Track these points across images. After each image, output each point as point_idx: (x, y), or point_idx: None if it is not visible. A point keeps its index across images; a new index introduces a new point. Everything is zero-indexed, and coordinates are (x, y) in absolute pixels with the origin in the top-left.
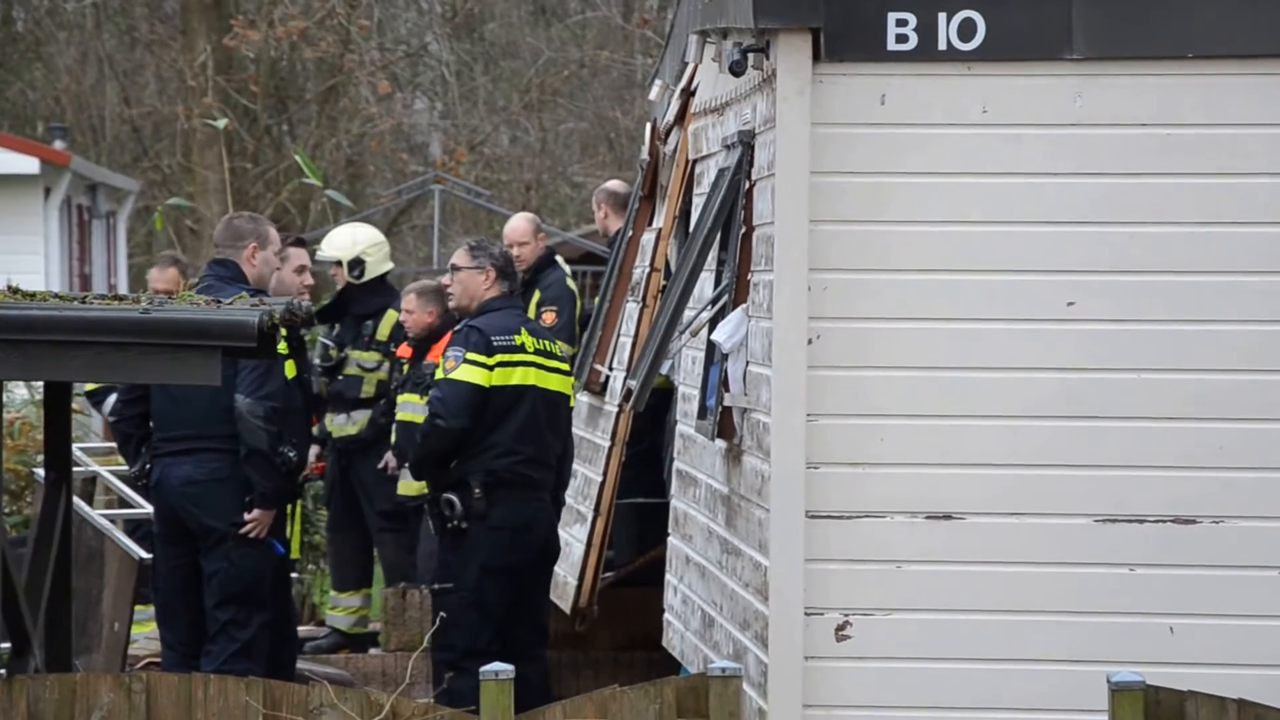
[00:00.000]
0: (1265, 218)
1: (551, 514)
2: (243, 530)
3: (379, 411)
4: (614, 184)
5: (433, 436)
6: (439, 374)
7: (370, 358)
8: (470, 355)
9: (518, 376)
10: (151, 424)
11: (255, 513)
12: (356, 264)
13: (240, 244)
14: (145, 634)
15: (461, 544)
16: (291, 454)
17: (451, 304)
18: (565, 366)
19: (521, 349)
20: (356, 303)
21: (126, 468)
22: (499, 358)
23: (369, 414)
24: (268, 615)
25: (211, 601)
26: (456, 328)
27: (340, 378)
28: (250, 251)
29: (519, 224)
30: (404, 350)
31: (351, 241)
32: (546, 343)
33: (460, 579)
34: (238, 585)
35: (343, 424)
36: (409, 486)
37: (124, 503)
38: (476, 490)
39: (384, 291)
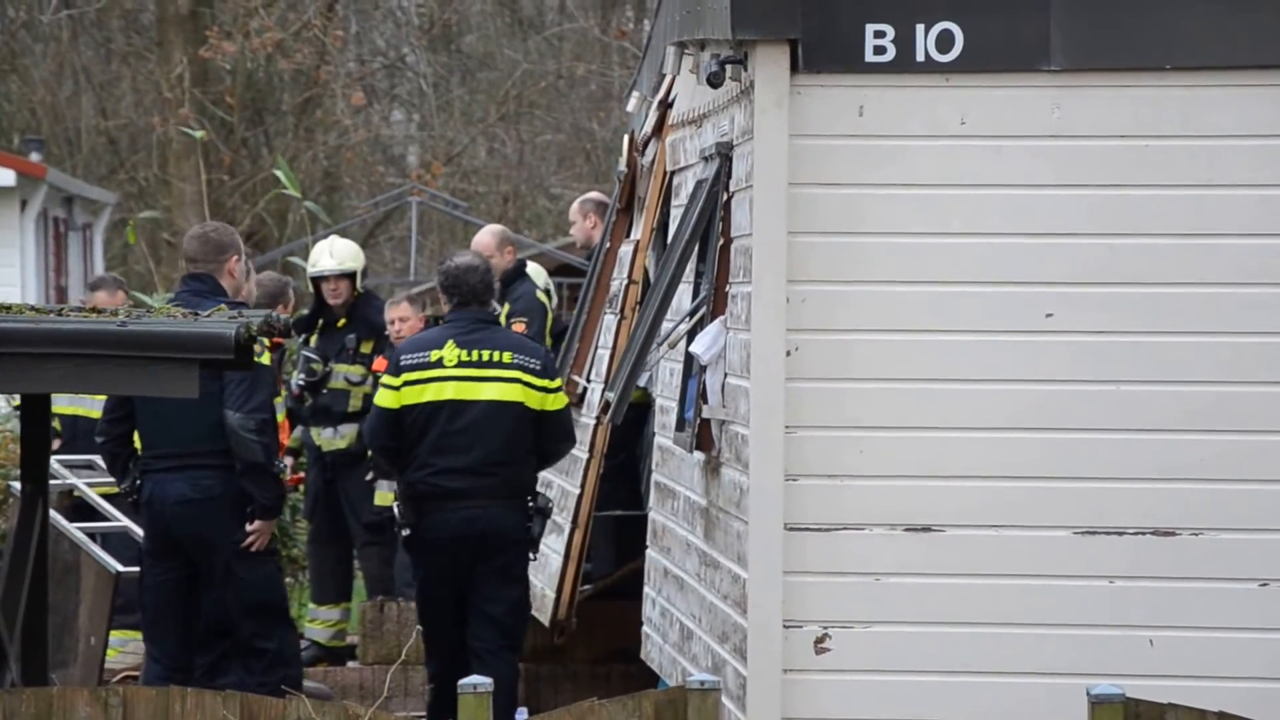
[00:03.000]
0: (1244, 229)
1: (492, 517)
2: (245, 543)
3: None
4: (598, 194)
5: (374, 459)
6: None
7: (356, 371)
8: (383, 379)
9: (430, 393)
10: (138, 441)
11: (257, 524)
12: (363, 275)
13: (223, 257)
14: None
15: (409, 551)
16: (283, 463)
17: None
18: (511, 374)
19: (438, 364)
20: (373, 311)
21: (106, 480)
22: (405, 377)
23: (356, 428)
24: (288, 619)
25: (235, 618)
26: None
27: (325, 391)
28: (233, 262)
29: (482, 238)
30: (379, 364)
31: (357, 252)
32: (485, 352)
33: (414, 581)
34: (252, 597)
35: (330, 438)
36: (385, 497)
37: (101, 515)
38: (403, 503)
39: (377, 303)
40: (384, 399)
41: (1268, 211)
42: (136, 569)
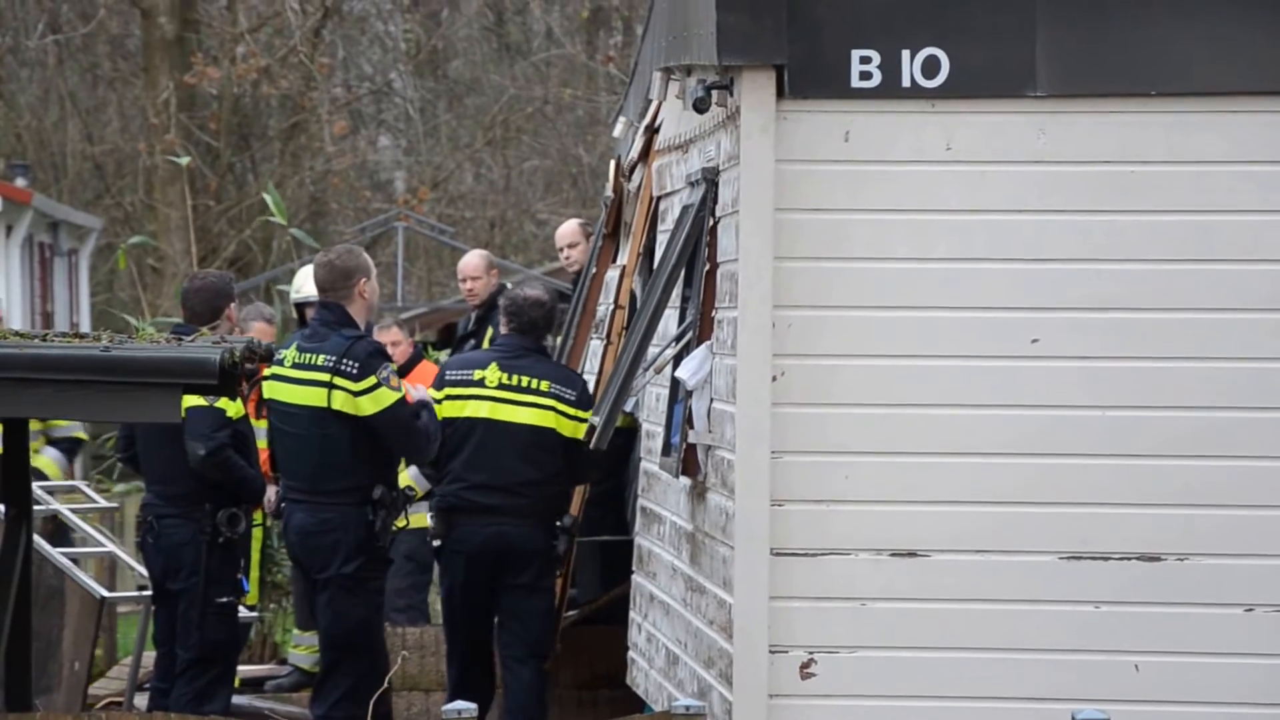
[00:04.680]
0: (1229, 255)
1: (519, 535)
2: None
3: None
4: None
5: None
6: None
7: None
8: (429, 391)
9: (469, 409)
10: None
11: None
12: None
13: (350, 281)
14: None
15: (441, 559)
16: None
17: None
18: (546, 401)
19: (480, 384)
20: None
21: (87, 505)
22: (447, 391)
23: None
24: (374, 662)
25: (319, 646)
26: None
27: None
28: (362, 284)
29: (470, 259)
30: None
31: None
32: (524, 378)
33: (443, 586)
34: (344, 633)
35: None
36: (420, 519)
37: (82, 540)
38: (434, 513)
39: None
40: None
41: (1253, 237)
42: (120, 594)
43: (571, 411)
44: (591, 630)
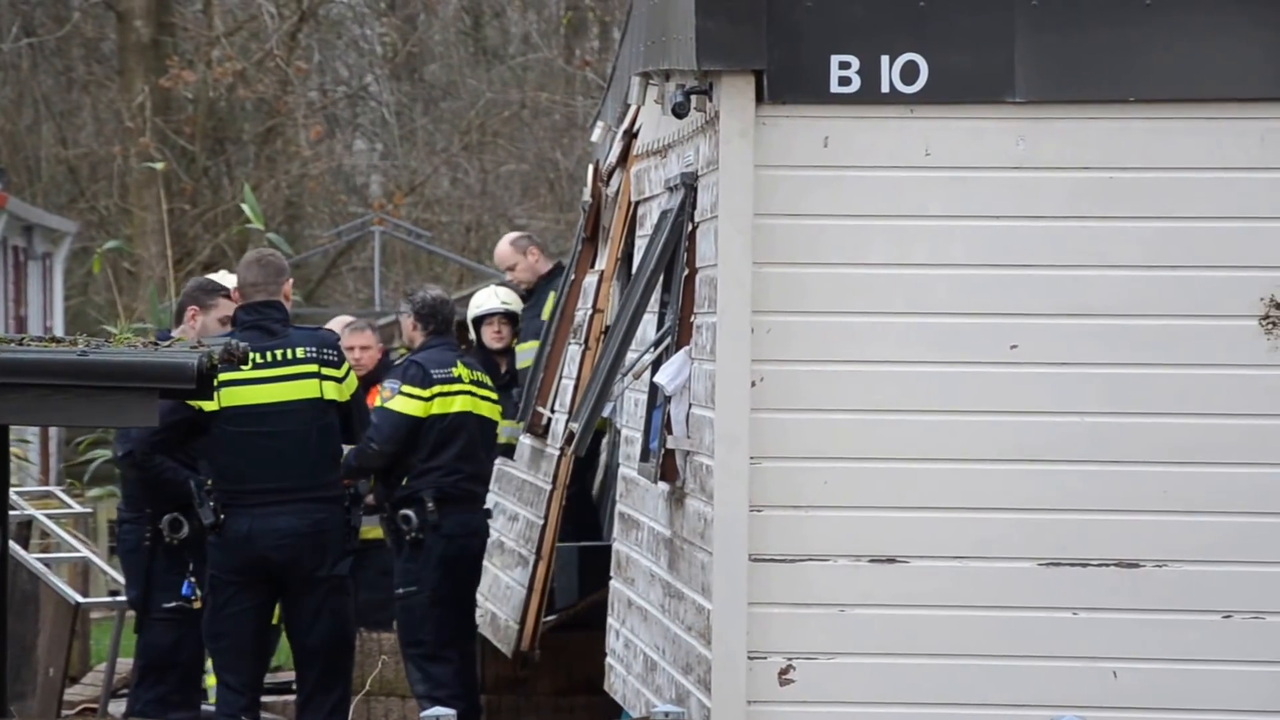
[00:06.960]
0: (1208, 261)
1: (487, 525)
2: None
3: None
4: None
5: (364, 456)
6: (376, 402)
7: None
8: (405, 388)
9: (457, 405)
10: (210, 472)
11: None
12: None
13: (281, 279)
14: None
15: (420, 552)
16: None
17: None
18: (495, 395)
19: (459, 380)
20: None
21: (61, 511)
22: (437, 389)
23: None
24: (352, 665)
25: (315, 649)
26: (399, 361)
27: None
28: (287, 287)
29: (501, 246)
30: None
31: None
32: (479, 374)
33: (422, 581)
34: (336, 633)
35: None
36: (369, 530)
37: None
38: (430, 505)
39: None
40: (408, 406)
41: (1232, 244)
42: (94, 599)
43: (495, 399)
44: (569, 636)
